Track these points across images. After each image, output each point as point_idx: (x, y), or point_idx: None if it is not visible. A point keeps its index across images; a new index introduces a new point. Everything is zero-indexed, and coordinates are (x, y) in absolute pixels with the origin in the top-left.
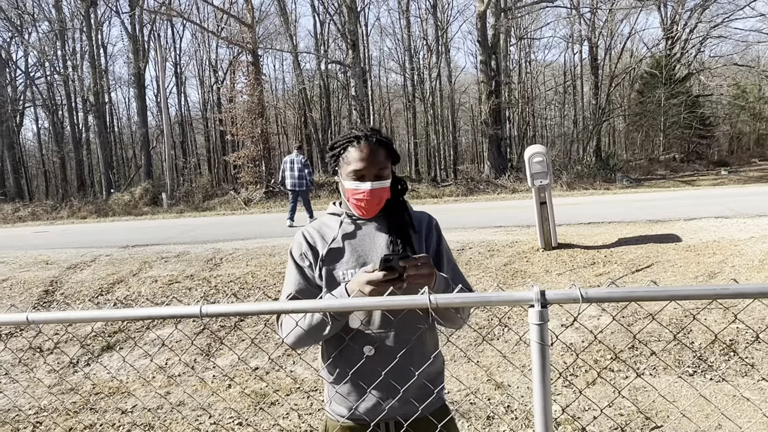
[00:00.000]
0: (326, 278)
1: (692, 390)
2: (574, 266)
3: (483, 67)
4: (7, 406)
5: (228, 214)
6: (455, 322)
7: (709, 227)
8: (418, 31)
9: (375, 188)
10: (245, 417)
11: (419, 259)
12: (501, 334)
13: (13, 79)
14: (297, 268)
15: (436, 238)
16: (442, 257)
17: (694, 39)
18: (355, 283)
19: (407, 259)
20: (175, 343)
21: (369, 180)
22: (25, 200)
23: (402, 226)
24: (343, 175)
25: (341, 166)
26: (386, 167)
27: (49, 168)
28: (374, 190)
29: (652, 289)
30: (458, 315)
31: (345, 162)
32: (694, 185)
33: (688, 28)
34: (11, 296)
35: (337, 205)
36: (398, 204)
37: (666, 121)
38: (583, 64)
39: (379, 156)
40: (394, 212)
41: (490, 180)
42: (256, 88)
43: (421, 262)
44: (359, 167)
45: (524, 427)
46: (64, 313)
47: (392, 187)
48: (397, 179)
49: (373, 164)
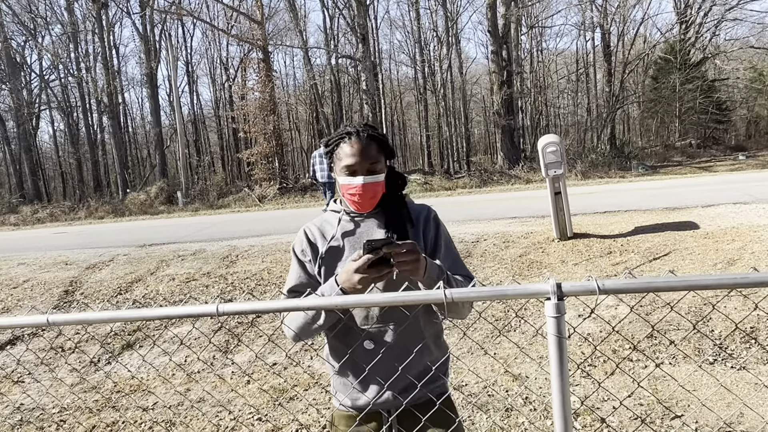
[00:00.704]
0: (325, 276)
1: (713, 379)
2: (590, 256)
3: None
4: (32, 405)
5: (242, 211)
6: (460, 314)
7: (728, 213)
8: (428, 22)
9: (367, 182)
10: (264, 412)
11: (404, 245)
12: (518, 326)
13: (28, 82)
14: (299, 263)
15: (434, 229)
16: (439, 247)
17: (709, 22)
18: (344, 273)
19: (391, 246)
20: (193, 341)
21: (361, 174)
22: (44, 202)
23: (399, 221)
24: (337, 171)
25: (335, 162)
26: (378, 161)
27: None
28: (367, 184)
29: (670, 279)
30: (462, 307)
31: (338, 158)
32: (711, 171)
33: (702, 11)
34: (32, 297)
35: (337, 202)
36: (396, 199)
37: (681, 106)
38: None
39: (370, 151)
40: (392, 207)
41: (503, 171)
42: (267, 85)
43: (406, 249)
44: (351, 162)
45: (543, 419)
46: (83, 314)
47: (390, 182)
48: (396, 174)
49: (365, 159)
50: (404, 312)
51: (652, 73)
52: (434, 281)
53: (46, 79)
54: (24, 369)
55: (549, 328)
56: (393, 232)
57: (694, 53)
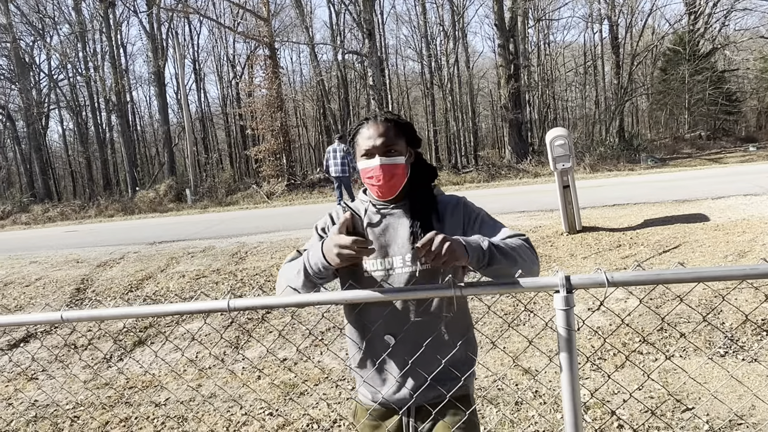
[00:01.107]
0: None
1: (724, 371)
2: (599, 249)
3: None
4: (46, 401)
5: (251, 207)
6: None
7: (738, 205)
8: (434, 17)
9: (385, 164)
10: (275, 407)
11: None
12: (527, 319)
13: (37, 82)
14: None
15: (465, 214)
16: (476, 225)
17: (718, 13)
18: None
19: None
20: (204, 337)
21: (378, 155)
22: (54, 201)
23: (426, 213)
24: (357, 159)
25: (356, 150)
26: (396, 144)
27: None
28: (384, 165)
29: (680, 271)
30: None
31: (357, 145)
32: (721, 163)
33: (711, 1)
34: (45, 294)
35: (367, 193)
36: (424, 190)
37: (690, 98)
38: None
39: (387, 133)
40: (419, 199)
41: (511, 165)
42: (274, 82)
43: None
44: (367, 145)
45: (553, 412)
46: (97, 310)
47: (417, 172)
48: (424, 164)
49: (381, 141)
50: (426, 307)
51: (660, 64)
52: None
53: (54, 79)
54: (38, 365)
55: (558, 321)
56: (418, 225)
57: (704, 44)
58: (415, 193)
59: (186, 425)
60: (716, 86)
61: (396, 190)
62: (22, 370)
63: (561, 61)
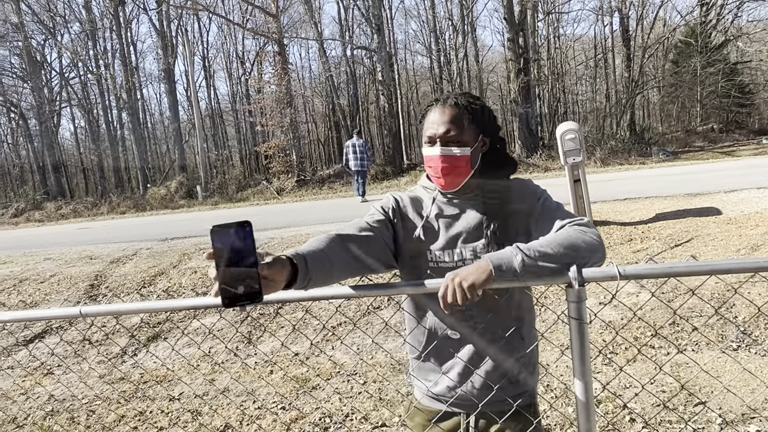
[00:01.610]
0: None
1: (736, 365)
2: (610, 243)
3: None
4: (63, 395)
5: (261, 204)
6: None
7: (751, 198)
8: (443, 11)
9: (445, 154)
10: (288, 401)
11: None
12: (538, 313)
13: (48, 80)
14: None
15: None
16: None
17: (731, 4)
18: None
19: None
20: (218, 332)
21: (440, 144)
22: (67, 198)
23: (499, 209)
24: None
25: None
26: (461, 131)
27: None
28: (445, 156)
29: (692, 264)
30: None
31: (423, 129)
32: (734, 156)
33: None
34: (59, 291)
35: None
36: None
37: (703, 90)
38: (614, 36)
39: (453, 119)
40: (492, 191)
41: (521, 159)
42: (283, 78)
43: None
44: (430, 131)
45: (565, 406)
46: (114, 305)
47: (490, 163)
48: (499, 153)
49: (445, 128)
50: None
51: (672, 57)
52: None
53: (66, 77)
54: (56, 359)
55: (570, 314)
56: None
57: (716, 36)
58: (490, 183)
59: (200, 419)
60: (729, 78)
61: (458, 184)
62: (40, 364)
63: (571, 54)
